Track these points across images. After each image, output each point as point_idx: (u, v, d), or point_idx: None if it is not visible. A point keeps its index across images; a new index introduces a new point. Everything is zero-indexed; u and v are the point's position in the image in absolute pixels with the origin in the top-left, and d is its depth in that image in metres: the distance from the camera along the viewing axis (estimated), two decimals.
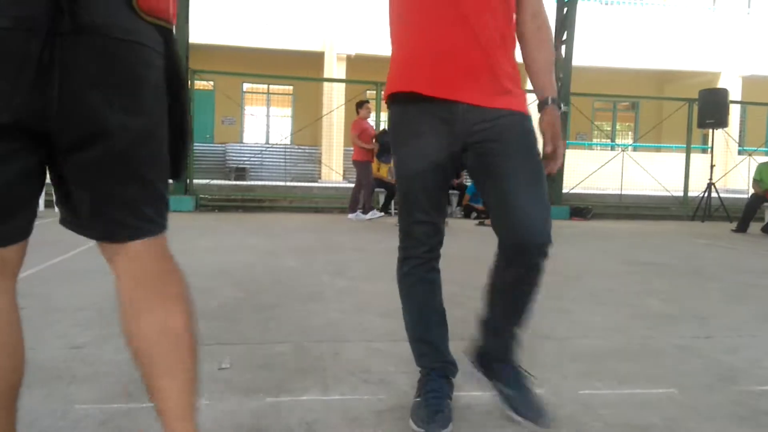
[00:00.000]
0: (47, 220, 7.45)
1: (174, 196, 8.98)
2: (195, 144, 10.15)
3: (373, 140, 9.01)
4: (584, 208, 10.33)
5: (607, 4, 17.04)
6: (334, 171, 14.42)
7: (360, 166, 9.08)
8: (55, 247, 4.88)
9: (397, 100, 1.79)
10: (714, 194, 10.48)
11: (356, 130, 8.97)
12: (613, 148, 17.14)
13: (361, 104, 9.18)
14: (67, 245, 4.87)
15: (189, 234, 6.27)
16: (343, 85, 14.94)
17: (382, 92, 11.15)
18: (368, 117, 9.34)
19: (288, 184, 12.06)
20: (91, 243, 1.41)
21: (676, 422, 1.88)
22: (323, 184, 13.38)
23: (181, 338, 1.25)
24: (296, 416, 1.85)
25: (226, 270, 4.29)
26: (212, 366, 2.27)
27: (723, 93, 10.61)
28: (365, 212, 9.18)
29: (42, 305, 3.10)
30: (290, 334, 2.73)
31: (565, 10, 10.37)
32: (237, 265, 4.53)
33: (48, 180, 1.20)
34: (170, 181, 1.27)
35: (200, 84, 13.22)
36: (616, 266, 5.10)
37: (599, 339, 2.80)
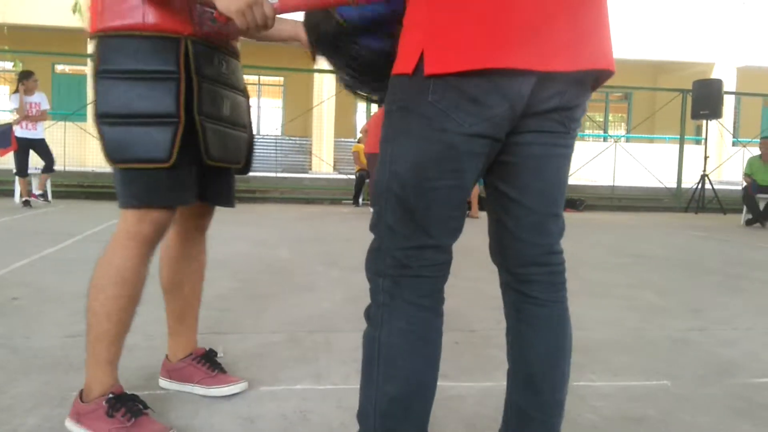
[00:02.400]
0: (41, 211, 7.42)
1: None
2: None
3: None
4: (576, 200, 10.34)
5: None
6: (324, 162, 14.36)
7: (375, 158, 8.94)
8: (49, 237, 4.84)
9: None
10: (708, 186, 10.51)
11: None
12: (605, 140, 17.17)
13: None
14: (62, 235, 4.83)
15: None
16: (334, 75, 14.81)
17: None
18: None
19: (279, 175, 12.01)
20: (86, 233, 1.42)
21: (671, 414, 1.88)
22: (314, 175, 13.33)
23: None
24: (291, 405, 1.85)
25: (219, 260, 4.26)
26: None
27: (717, 84, 10.61)
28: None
29: (37, 295, 3.08)
30: (283, 324, 2.72)
31: None
32: (230, 255, 4.52)
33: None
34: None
35: None
36: (609, 258, 5.11)
37: (593, 331, 2.80)
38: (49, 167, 7.97)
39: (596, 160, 11.64)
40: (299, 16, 1.52)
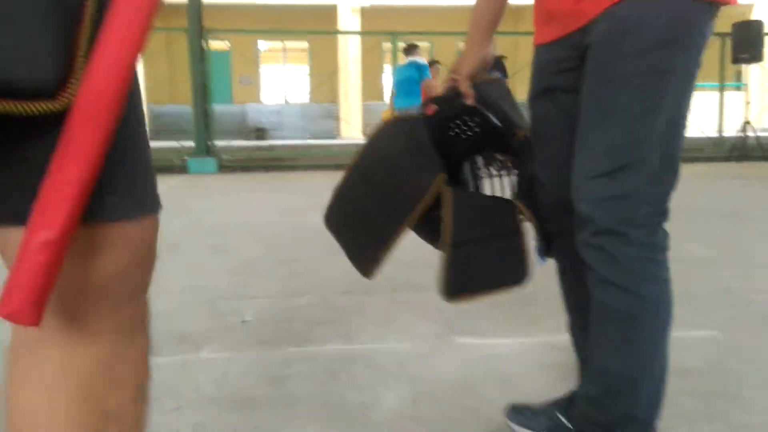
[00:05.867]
0: None
1: (197, 158, 8.92)
2: (214, 105, 9.98)
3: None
4: None
5: None
6: (353, 126, 14.25)
7: None
8: None
9: None
10: (750, 133, 10.12)
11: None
12: None
13: (432, 64, 8.79)
14: None
15: (213, 194, 6.25)
16: (358, 37, 14.67)
17: (398, 43, 10.74)
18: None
19: (308, 142, 11.97)
20: None
21: (719, 364, 1.80)
22: (343, 141, 13.26)
23: None
24: (320, 365, 1.82)
25: (250, 227, 4.26)
26: (235, 319, 2.25)
27: (757, 25, 10.13)
28: None
29: None
30: (314, 287, 2.68)
31: None
32: (260, 222, 4.50)
33: None
34: None
35: (216, 44, 13.04)
36: None
37: None
38: None
39: None
40: None
